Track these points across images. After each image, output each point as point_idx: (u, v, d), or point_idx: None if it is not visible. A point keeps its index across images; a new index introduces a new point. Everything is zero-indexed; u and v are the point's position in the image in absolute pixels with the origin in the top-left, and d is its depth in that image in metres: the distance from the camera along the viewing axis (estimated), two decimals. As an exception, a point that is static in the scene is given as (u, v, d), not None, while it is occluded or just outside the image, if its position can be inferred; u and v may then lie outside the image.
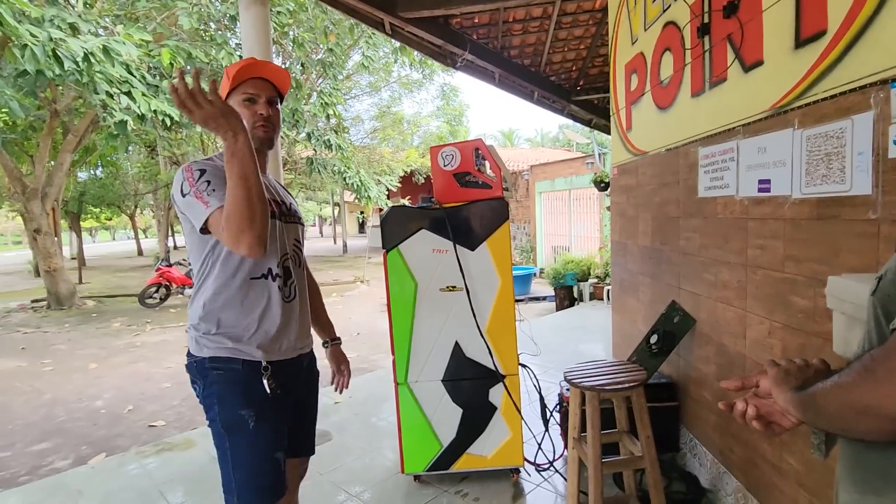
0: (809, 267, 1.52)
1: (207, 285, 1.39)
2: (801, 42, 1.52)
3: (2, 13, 4.58)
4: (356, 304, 9.66)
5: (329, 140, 11.04)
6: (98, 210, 21.89)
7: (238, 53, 8.13)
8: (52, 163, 9.88)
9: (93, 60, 5.48)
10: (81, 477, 2.87)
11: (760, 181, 1.74)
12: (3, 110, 6.87)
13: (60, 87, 7.89)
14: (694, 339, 2.35)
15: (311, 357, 1.62)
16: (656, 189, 2.73)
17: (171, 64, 6.59)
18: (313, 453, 1.68)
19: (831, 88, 1.40)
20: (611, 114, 3.46)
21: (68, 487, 2.74)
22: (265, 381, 1.39)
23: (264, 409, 1.39)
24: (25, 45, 4.96)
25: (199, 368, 1.40)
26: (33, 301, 10.82)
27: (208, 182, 1.30)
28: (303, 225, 1.65)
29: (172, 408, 4.38)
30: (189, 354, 1.43)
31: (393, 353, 2.45)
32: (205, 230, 1.29)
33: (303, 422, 1.62)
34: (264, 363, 1.40)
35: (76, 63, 5.34)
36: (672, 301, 2.50)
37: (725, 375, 2.07)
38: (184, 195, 1.31)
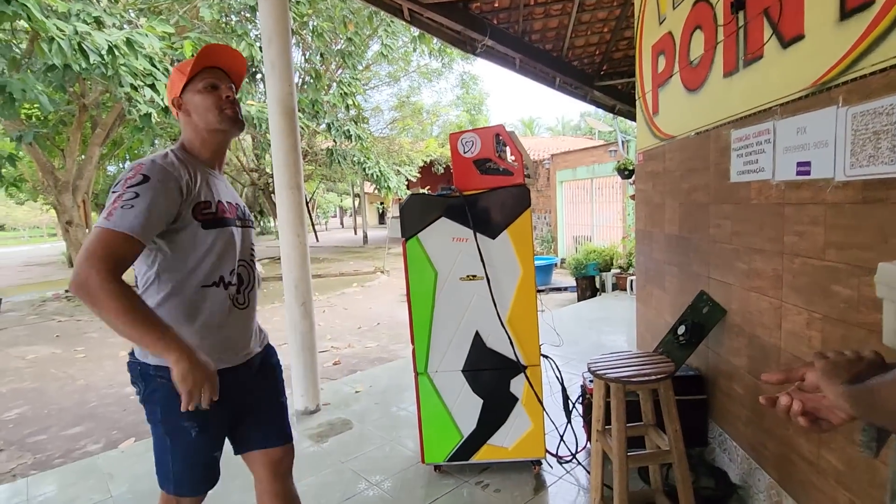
0: (853, 254, 1.43)
1: (154, 290, 1.33)
2: (846, 13, 1.41)
3: (30, 8, 4.68)
4: (376, 294, 9.72)
5: (349, 130, 11.06)
6: (126, 202, 22.45)
7: (258, 45, 8.17)
8: (82, 157, 10.16)
9: (117, 53, 5.57)
10: (112, 460, 2.95)
11: (799, 164, 1.65)
12: (35, 105, 7.05)
13: (88, 82, 8.06)
14: (724, 331, 2.26)
15: (264, 353, 1.58)
16: (684, 175, 2.63)
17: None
18: (290, 441, 1.64)
19: (880, 62, 1.30)
20: (636, 98, 3.35)
21: (100, 470, 2.82)
22: None
23: (207, 419, 1.37)
24: (52, 39, 5.06)
25: (143, 372, 1.36)
26: (67, 291, 11.17)
27: (136, 195, 1.21)
28: (253, 228, 1.60)
29: (198, 395, 4.47)
30: (132, 354, 1.39)
31: (413, 343, 2.43)
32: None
33: (267, 415, 1.58)
34: None
35: (101, 56, 5.43)
36: (701, 291, 2.41)
37: (758, 368, 1.98)
38: (113, 190, 1.24)
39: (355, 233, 28.67)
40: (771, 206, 1.82)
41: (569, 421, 2.64)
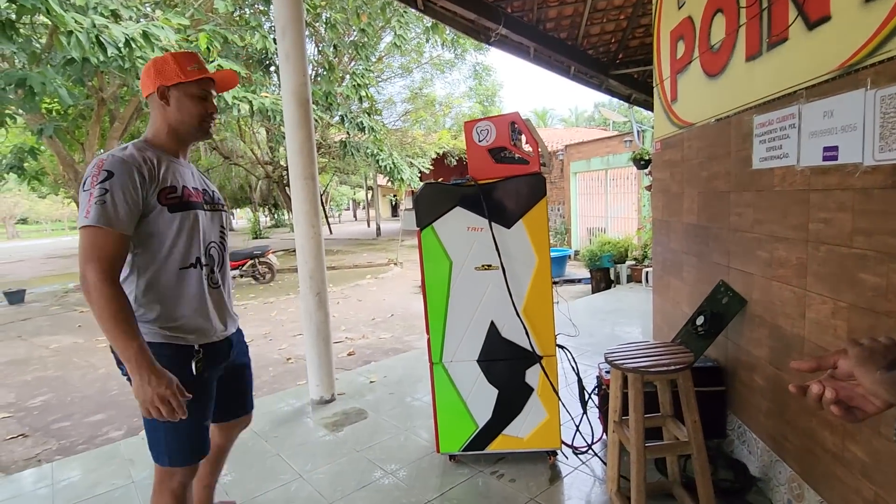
0: (882, 240, 1.39)
1: (136, 275, 1.43)
2: (876, -8, 1.36)
3: (49, 1, 4.73)
4: (390, 286, 9.75)
5: (362, 122, 11.06)
6: (144, 196, 22.82)
7: (272, 37, 8.19)
8: (101, 150, 10.31)
9: (133, 46, 5.62)
10: (133, 447, 3.00)
11: (826, 149, 1.60)
12: (55, 99, 7.16)
13: (106, 76, 8.17)
14: (744, 321, 2.22)
15: (237, 334, 1.74)
16: (704, 163, 2.57)
17: (208, 48, 6.70)
18: (251, 409, 1.87)
19: (915, 41, 1.26)
20: (654, 85, 3.28)
21: (122, 456, 2.88)
22: (193, 364, 1.46)
23: (195, 390, 1.45)
24: (71, 33, 5.12)
25: None
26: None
27: (105, 190, 1.31)
28: (226, 211, 1.71)
29: (216, 384, 4.54)
30: None
31: (428, 333, 2.43)
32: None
33: (237, 390, 1.78)
34: (196, 346, 1.48)
35: (118, 49, 5.49)
36: (720, 281, 2.37)
37: (780, 359, 1.94)
38: (84, 189, 1.34)
39: (368, 225, 28.77)
40: (795, 192, 1.78)
41: (584, 411, 2.62)
